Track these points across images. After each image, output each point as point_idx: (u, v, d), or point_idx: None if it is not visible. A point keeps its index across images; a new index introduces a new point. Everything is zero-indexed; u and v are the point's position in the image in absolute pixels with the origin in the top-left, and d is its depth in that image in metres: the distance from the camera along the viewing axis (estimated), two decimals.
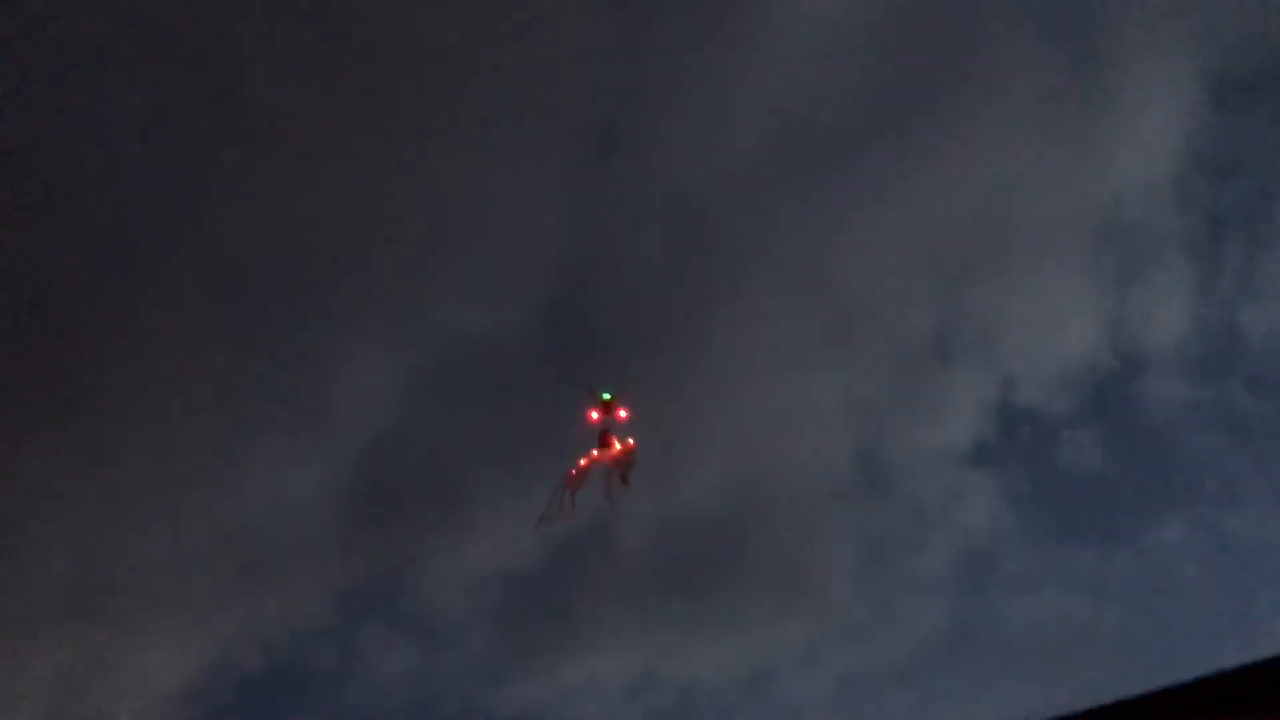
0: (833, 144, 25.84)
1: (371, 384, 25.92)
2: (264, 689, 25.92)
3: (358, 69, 24.02)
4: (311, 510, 26.09)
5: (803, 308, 26.03)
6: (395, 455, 26.42)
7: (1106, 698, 6.30)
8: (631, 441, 16.78)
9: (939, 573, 27.41)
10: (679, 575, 26.91)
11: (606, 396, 16.62)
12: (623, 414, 16.76)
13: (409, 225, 25.11)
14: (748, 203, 25.44)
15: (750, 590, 26.86)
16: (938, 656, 27.27)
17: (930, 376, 27.02)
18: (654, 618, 27.00)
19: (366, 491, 26.33)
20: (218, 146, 23.92)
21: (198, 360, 25.00)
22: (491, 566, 26.53)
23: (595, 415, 16.70)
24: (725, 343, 25.49)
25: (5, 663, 23.92)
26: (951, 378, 27.00)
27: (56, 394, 23.76)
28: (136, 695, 24.82)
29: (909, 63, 25.61)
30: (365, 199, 24.69)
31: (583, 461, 16.79)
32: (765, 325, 25.68)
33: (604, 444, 16.69)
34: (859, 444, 26.98)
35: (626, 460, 16.69)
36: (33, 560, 24.39)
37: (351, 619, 26.79)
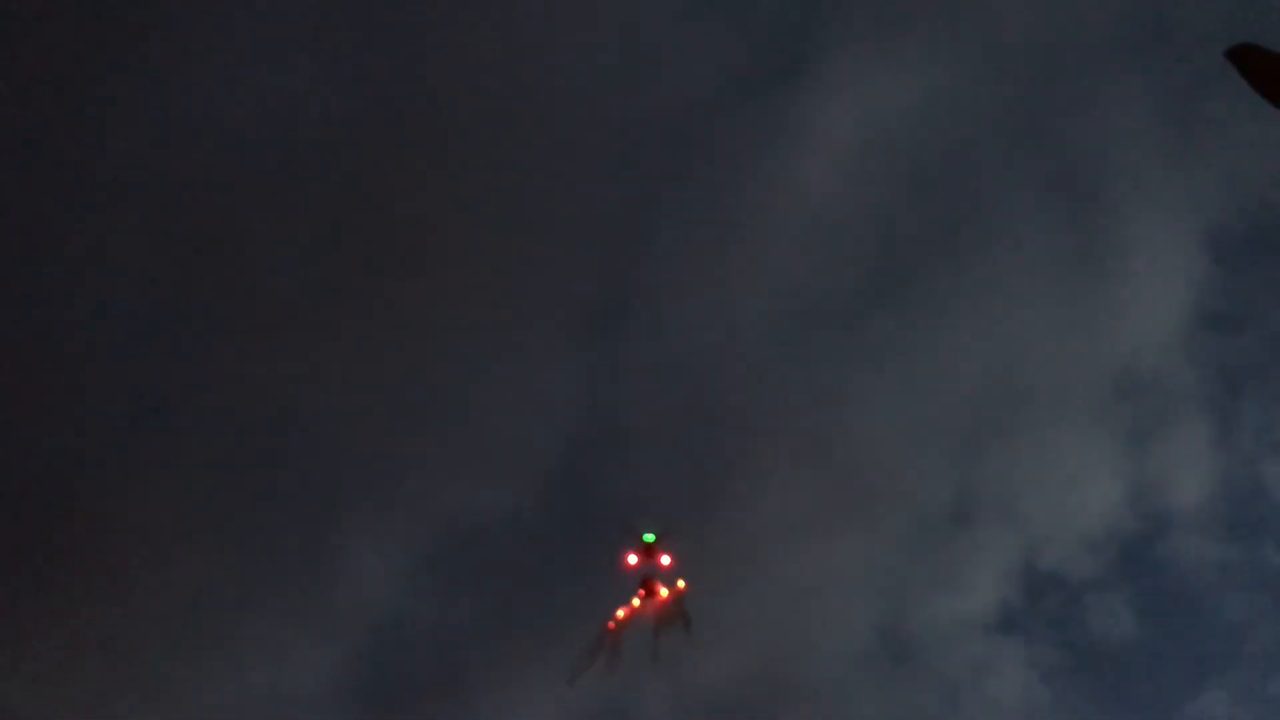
0: (838, 312, 25.94)
1: (376, 570, 25.37)
2: None
3: (362, 251, 24.29)
4: (316, 700, 25.19)
5: (816, 478, 25.61)
6: (401, 642, 25.68)
7: None
8: (682, 584, 15.38)
9: None
10: None
11: (649, 539, 15.30)
12: (665, 560, 15.43)
13: (413, 407, 24.97)
14: (756, 375, 25.34)
15: None
16: None
17: (951, 543, 26.47)
18: None
19: (372, 680, 25.50)
20: (219, 330, 24.01)
21: (198, 546, 24.53)
22: None
23: (634, 560, 15.35)
24: (739, 516, 25.00)
25: None
26: (973, 544, 26.42)
27: (54, 582, 23.23)
28: None
29: (910, 230, 25.92)
30: (367, 380, 24.62)
31: (622, 612, 15.45)
32: (779, 498, 25.24)
33: (647, 592, 15.37)
34: (882, 616, 26.24)
35: (677, 606, 15.30)
36: None
37: None
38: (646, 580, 15.35)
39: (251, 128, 23.68)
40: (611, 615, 15.52)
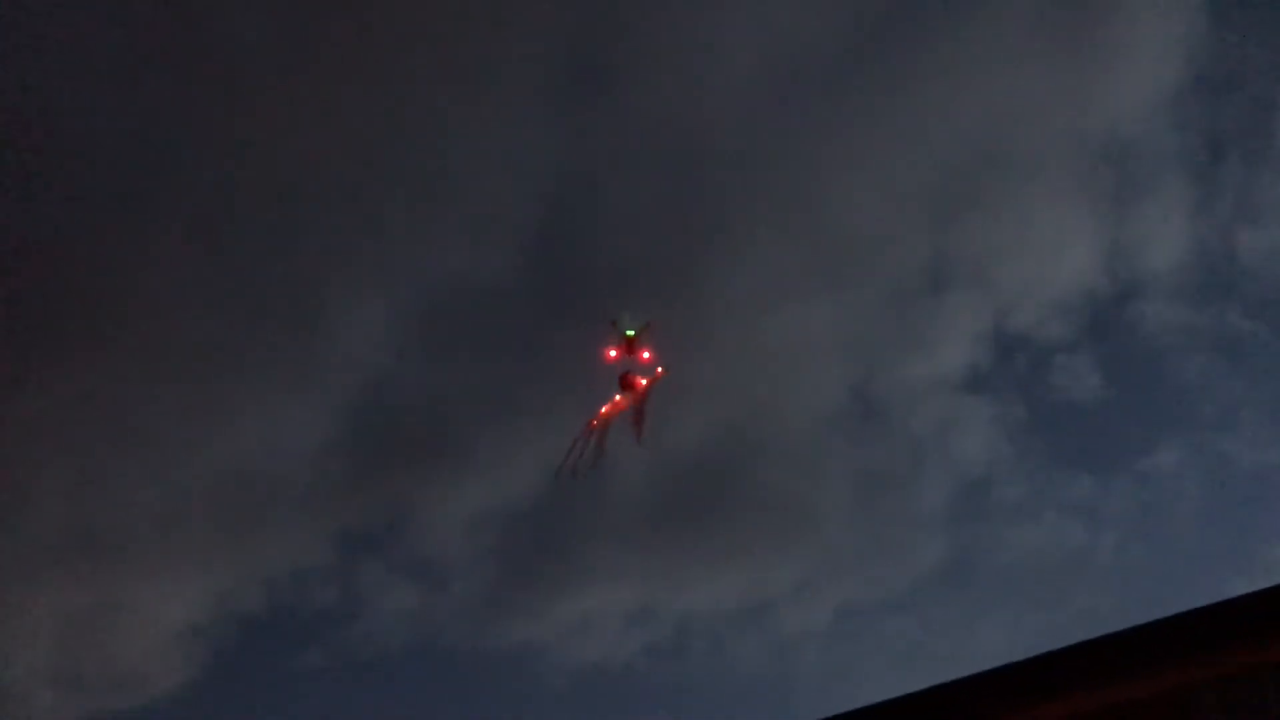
0: (820, 74, 25.39)
1: (365, 329, 25.88)
2: (266, 629, 26.32)
3: (339, 12, 23.72)
4: (309, 454, 26.22)
5: (794, 242, 25.76)
6: (390, 398, 26.46)
7: (1106, 628, 6.24)
8: (660, 370, 15.21)
9: (935, 502, 27.46)
10: (675, 510, 27.01)
11: (630, 333, 15.08)
12: (646, 355, 15.23)
13: (397, 170, 24.91)
14: (736, 137, 25.06)
15: (747, 524, 26.95)
16: (935, 585, 27.43)
17: (924, 306, 26.82)
18: (651, 553, 27.16)
19: (363, 434, 26.43)
20: (202, 96, 23.73)
21: (191, 308, 25.03)
22: (489, 505, 26.71)
23: (615, 353, 15.20)
24: (716, 279, 25.28)
25: (9, 608, 24.34)
26: (945, 307, 26.77)
27: (53, 343, 23.87)
28: (140, 637, 25.22)
29: None
30: (351, 145, 24.47)
31: (605, 409, 15.45)
32: (756, 261, 25.44)
33: (625, 386, 15.29)
34: (853, 376, 26.88)
35: (641, 404, 15.23)
36: (33, 506, 24.69)
37: (351, 560, 27.06)
38: (625, 375, 15.27)
39: None
40: (594, 413, 15.58)
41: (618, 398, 15.48)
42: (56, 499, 24.82)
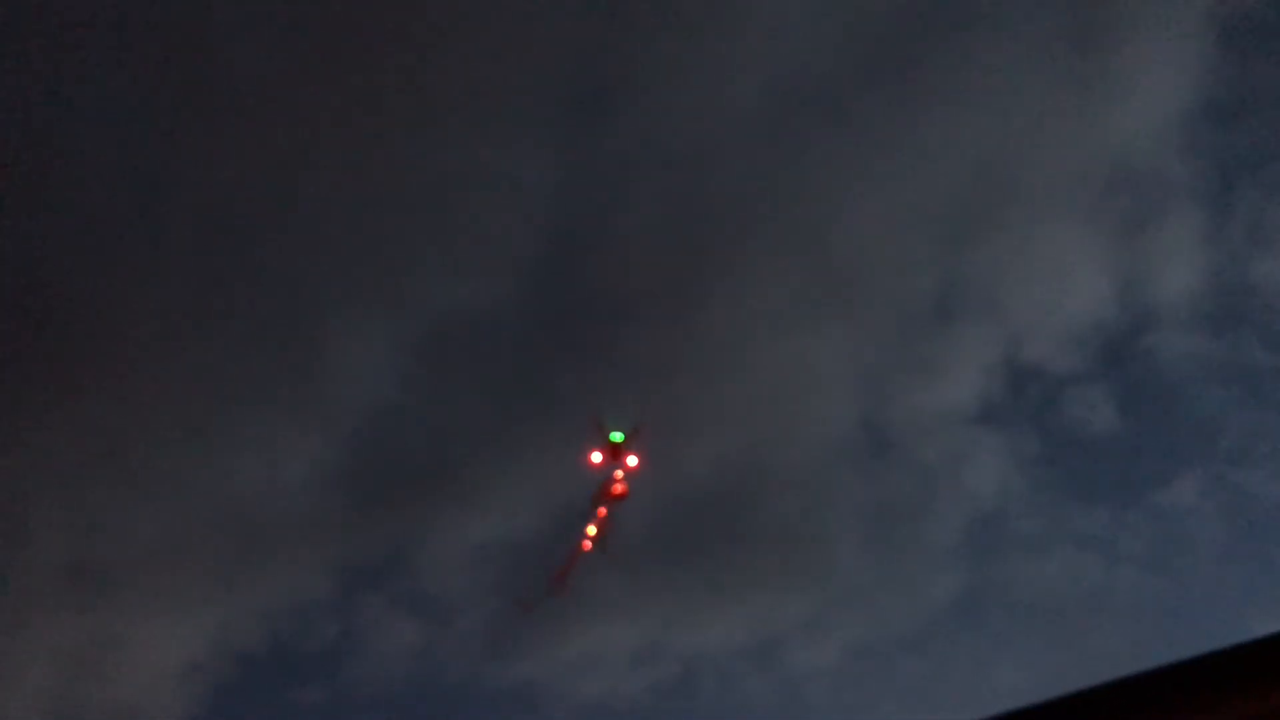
0: (826, 98, 25.20)
1: (364, 360, 25.68)
2: (265, 665, 25.95)
3: (338, 38, 23.66)
4: (309, 487, 25.96)
5: (801, 270, 25.51)
6: (391, 430, 26.23)
7: (1124, 668, 5.90)
8: (622, 487, 14.48)
9: (948, 536, 26.96)
10: (683, 545, 26.60)
11: (617, 438, 14.31)
12: (632, 461, 14.45)
13: (396, 197, 24.80)
14: (741, 162, 24.90)
15: (756, 559, 26.53)
16: (948, 622, 26.86)
17: (934, 336, 26.49)
18: (658, 589, 26.70)
19: (363, 467, 26.21)
20: (202, 123, 23.70)
21: (191, 338, 24.91)
22: (491, 539, 26.36)
23: (600, 458, 14.39)
24: (723, 308, 25.05)
25: (5, 640, 24.04)
26: (955, 337, 26.44)
27: (52, 372, 23.73)
28: (137, 672, 24.89)
29: (902, 11, 24.93)
30: (351, 172, 24.40)
31: (591, 528, 14.90)
32: (764, 288, 25.19)
33: (603, 494, 14.65)
34: (863, 408, 26.52)
35: (605, 524, 14.72)
36: (31, 538, 24.49)
37: (351, 595, 26.68)
38: (605, 484, 14.70)
39: None
40: (579, 538, 15.18)
41: (601, 511, 15.02)
42: (53, 532, 24.65)
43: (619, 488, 14.88)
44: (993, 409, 26.68)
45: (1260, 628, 5.89)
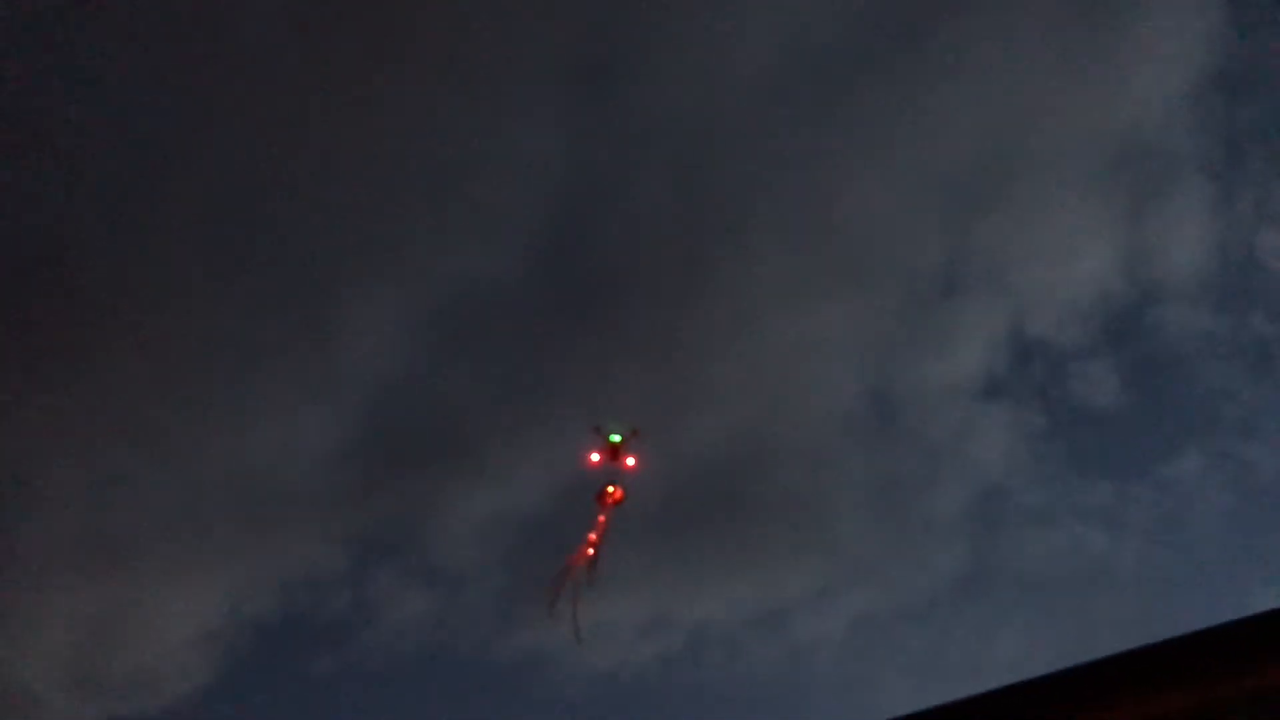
0: (834, 72, 25.17)
1: (376, 332, 25.81)
2: (278, 635, 26.24)
3: (350, 15, 23.67)
4: (321, 458, 26.13)
5: (807, 243, 25.56)
6: (402, 402, 26.38)
7: (1128, 641, 6.02)
8: (619, 493, 14.65)
9: (953, 509, 27.12)
10: (689, 517, 26.76)
11: (615, 439, 14.48)
12: (630, 462, 14.59)
13: (405, 171, 24.86)
14: (748, 136, 24.88)
15: (762, 531, 26.70)
16: (953, 593, 27.09)
17: (939, 310, 26.54)
18: (665, 560, 26.91)
19: (375, 439, 26.35)
20: (214, 98, 23.73)
21: (206, 309, 25.04)
22: (502, 511, 26.55)
23: (598, 459, 14.54)
24: (729, 280, 25.12)
25: (20, 611, 24.34)
26: (961, 311, 26.48)
27: (64, 343, 23.88)
28: (151, 643, 25.18)
29: None
30: (360, 145, 24.44)
31: (592, 539, 14.88)
32: (770, 261, 25.26)
33: (601, 499, 14.73)
34: (868, 381, 26.60)
35: (592, 554, 14.69)
36: (45, 509, 24.72)
37: (363, 566, 26.90)
38: (604, 488, 14.78)
39: None
40: (580, 548, 15.12)
41: (601, 519, 15.01)
42: (69, 501, 24.88)
43: (617, 493, 15.00)
44: (998, 382, 26.80)
45: (1264, 601, 6.03)
